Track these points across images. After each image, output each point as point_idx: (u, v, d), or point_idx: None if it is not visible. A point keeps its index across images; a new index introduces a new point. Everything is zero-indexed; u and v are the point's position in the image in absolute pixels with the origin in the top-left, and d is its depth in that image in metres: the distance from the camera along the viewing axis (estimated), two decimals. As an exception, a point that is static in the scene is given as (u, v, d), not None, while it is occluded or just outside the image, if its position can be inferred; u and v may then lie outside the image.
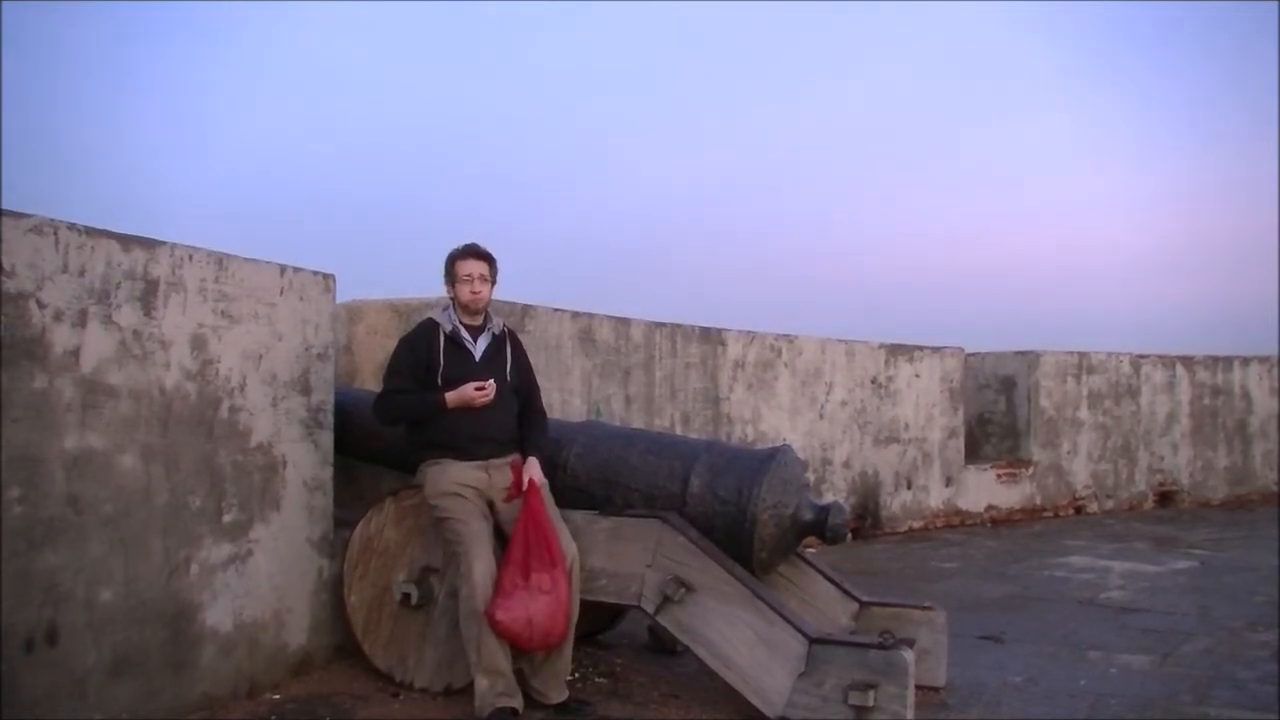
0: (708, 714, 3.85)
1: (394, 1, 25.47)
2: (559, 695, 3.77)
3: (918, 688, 3.68)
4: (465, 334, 3.95)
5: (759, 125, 26.57)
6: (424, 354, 3.90)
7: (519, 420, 4.02)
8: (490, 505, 3.85)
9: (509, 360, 4.01)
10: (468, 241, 3.99)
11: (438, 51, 28.36)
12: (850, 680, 3.48)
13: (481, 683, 3.64)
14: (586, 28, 27.16)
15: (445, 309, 4.02)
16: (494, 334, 4.02)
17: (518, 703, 3.64)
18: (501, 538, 3.83)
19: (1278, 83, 20.10)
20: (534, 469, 3.82)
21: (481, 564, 3.65)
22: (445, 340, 3.91)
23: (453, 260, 3.96)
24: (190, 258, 3.61)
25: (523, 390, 4.07)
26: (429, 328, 3.97)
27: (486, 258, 3.97)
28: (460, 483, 3.80)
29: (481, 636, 3.62)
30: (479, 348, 3.96)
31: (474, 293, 3.93)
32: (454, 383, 3.82)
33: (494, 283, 4.02)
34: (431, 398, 3.84)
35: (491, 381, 3.83)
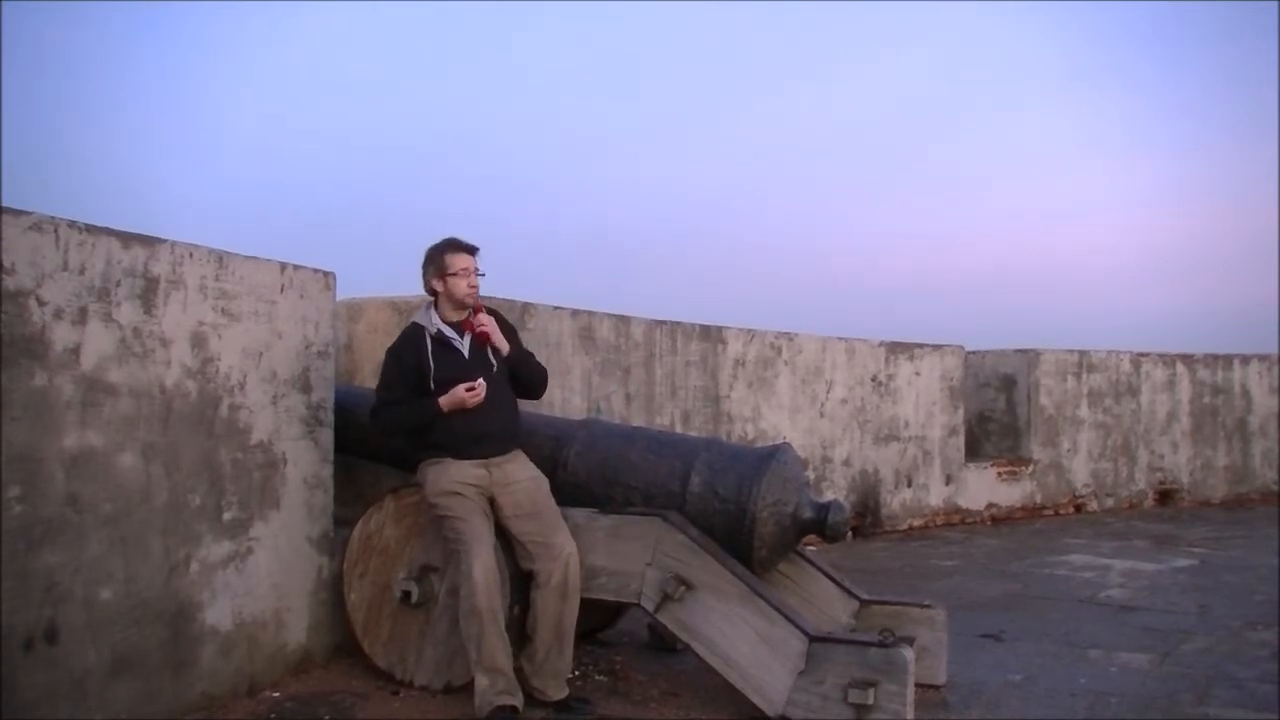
0: (707, 712, 3.85)
1: (394, 1, 25.45)
2: (559, 693, 3.77)
3: (917, 686, 3.68)
4: (450, 332, 3.91)
5: (759, 124, 26.57)
6: (412, 360, 3.87)
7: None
8: (491, 502, 3.85)
9: (489, 349, 3.95)
10: (446, 237, 3.96)
11: (437, 51, 28.34)
12: (850, 678, 3.48)
13: (481, 681, 3.64)
14: (588, 27, 27.16)
15: (427, 309, 3.98)
16: None
17: (518, 701, 3.64)
18: (502, 536, 3.83)
19: (1278, 83, 20.10)
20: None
21: (481, 563, 3.64)
22: (432, 342, 3.88)
23: (440, 254, 3.91)
24: (190, 255, 3.60)
25: (515, 364, 4.01)
26: (413, 332, 3.95)
27: (474, 250, 3.94)
28: (460, 481, 3.79)
29: (481, 634, 3.62)
30: (465, 344, 3.92)
31: (472, 285, 3.90)
32: (447, 384, 3.80)
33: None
34: (426, 404, 3.81)
35: (481, 381, 3.80)
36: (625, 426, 5.55)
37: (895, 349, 8.93)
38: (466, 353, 3.91)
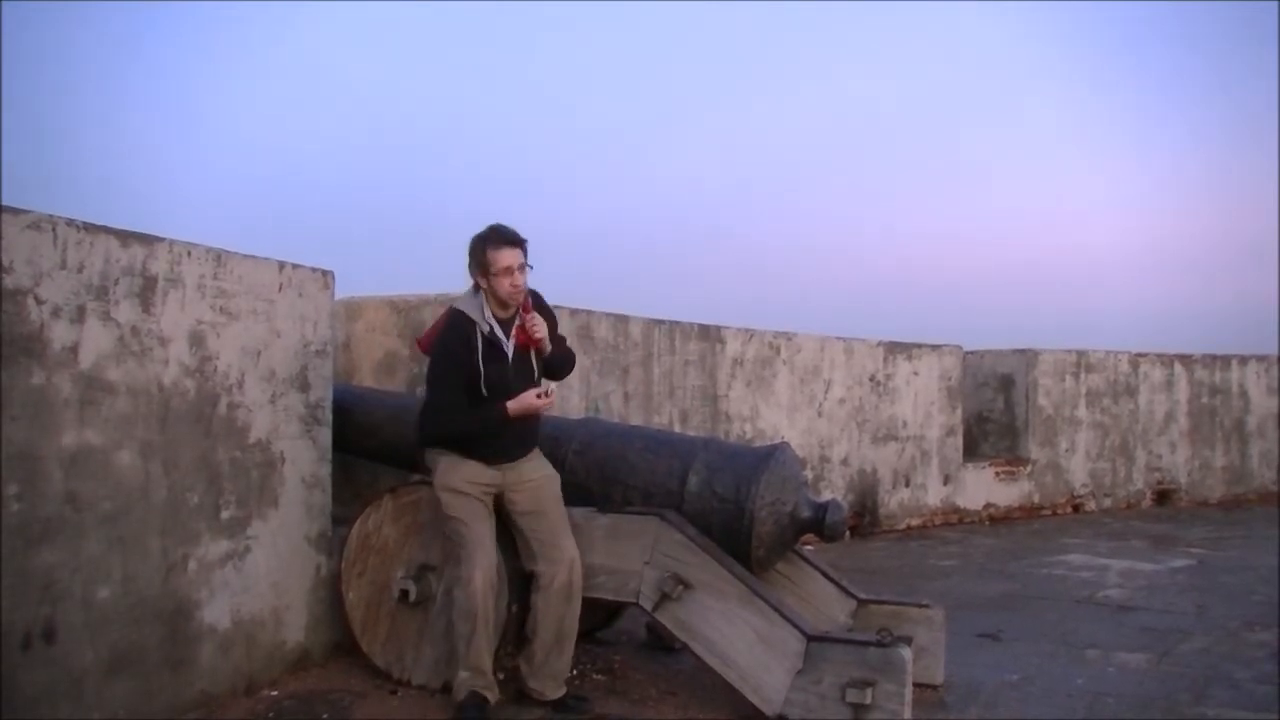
0: (705, 712, 3.85)
1: (394, 1, 25.44)
2: (556, 693, 3.78)
3: (915, 686, 3.68)
4: (500, 333, 3.69)
5: (758, 124, 26.57)
6: (465, 358, 3.63)
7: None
8: (499, 497, 3.78)
9: (531, 354, 3.78)
10: (494, 224, 3.67)
11: (437, 50, 28.33)
12: (848, 678, 3.48)
13: (463, 674, 3.68)
14: (587, 27, 27.15)
15: (476, 298, 3.71)
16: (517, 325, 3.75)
17: (493, 696, 3.69)
18: (505, 533, 3.81)
19: (1278, 83, 20.12)
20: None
21: (482, 569, 3.64)
22: (484, 342, 3.65)
23: (483, 248, 3.63)
24: (189, 254, 3.60)
25: (557, 362, 3.94)
26: (466, 328, 3.66)
27: (522, 243, 3.66)
28: (471, 480, 3.70)
29: (472, 636, 3.65)
30: (510, 346, 3.70)
31: (514, 285, 3.63)
32: (493, 390, 3.62)
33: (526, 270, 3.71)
34: (494, 413, 3.62)
35: (554, 386, 3.74)
36: (623, 425, 5.55)
37: (893, 349, 8.93)
38: (510, 356, 3.71)
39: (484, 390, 3.64)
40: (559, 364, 3.97)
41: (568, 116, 27.68)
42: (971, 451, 9.76)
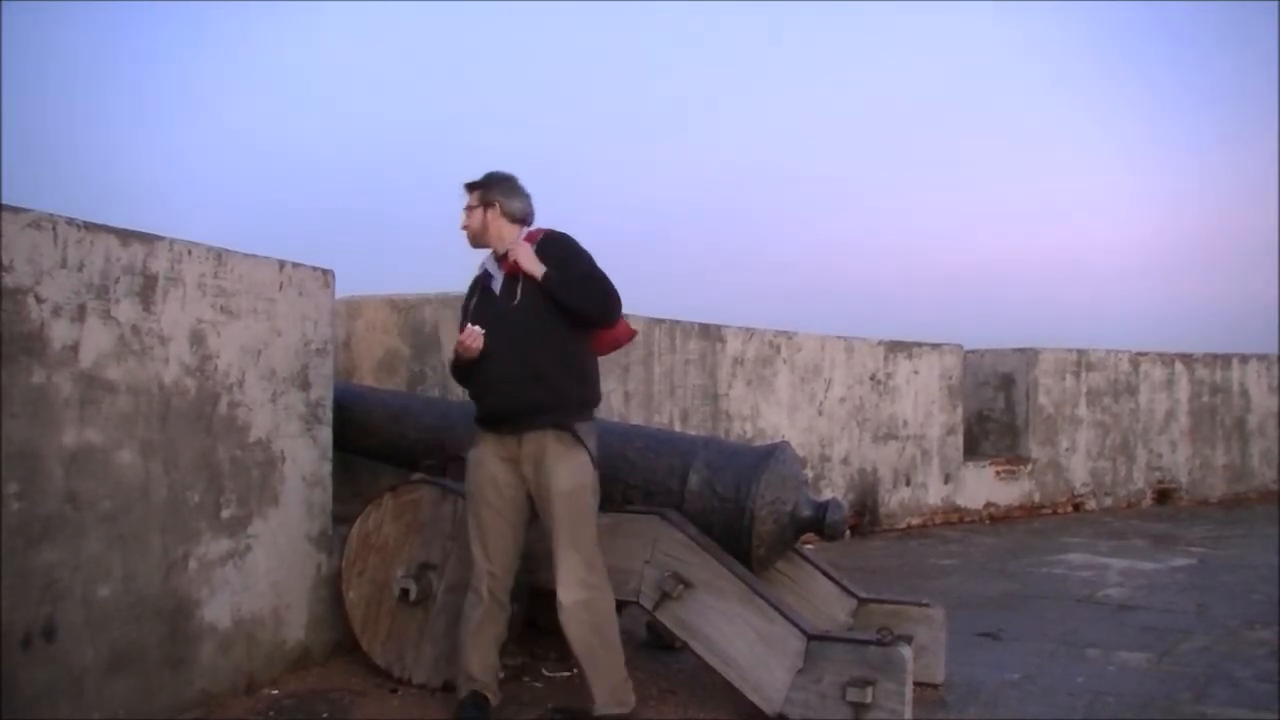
0: (705, 711, 3.85)
1: (395, 1, 25.45)
2: (605, 709, 3.56)
3: (916, 685, 3.67)
4: (492, 268, 3.68)
5: (758, 123, 26.56)
6: (466, 306, 3.74)
7: None
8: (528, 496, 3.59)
9: (520, 280, 3.53)
10: None
11: (437, 49, 28.34)
12: (848, 677, 3.48)
13: (460, 677, 3.68)
14: (586, 26, 27.15)
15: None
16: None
17: (493, 696, 3.68)
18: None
19: (1278, 83, 20.13)
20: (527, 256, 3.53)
21: (484, 578, 3.59)
22: (479, 285, 3.71)
23: None
24: (189, 253, 3.60)
25: (549, 288, 3.51)
26: (476, 276, 3.77)
27: (474, 186, 3.72)
28: (489, 480, 3.57)
29: (470, 647, 3.65)
30: (499, 279, 3.61)
31: (463, 227, 3.73)
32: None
33: (490, 206, 3.64)
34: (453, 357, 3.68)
35: (472, 327, 3.48)
36: (624, 424, 5.55)
37: (894, 348, 8.93)
38: (499, 289, 3.60)
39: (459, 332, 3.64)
40: (567, 302, 3.50)
41: (568, 115, 27.72)
42: (972, 450, 9.77)
